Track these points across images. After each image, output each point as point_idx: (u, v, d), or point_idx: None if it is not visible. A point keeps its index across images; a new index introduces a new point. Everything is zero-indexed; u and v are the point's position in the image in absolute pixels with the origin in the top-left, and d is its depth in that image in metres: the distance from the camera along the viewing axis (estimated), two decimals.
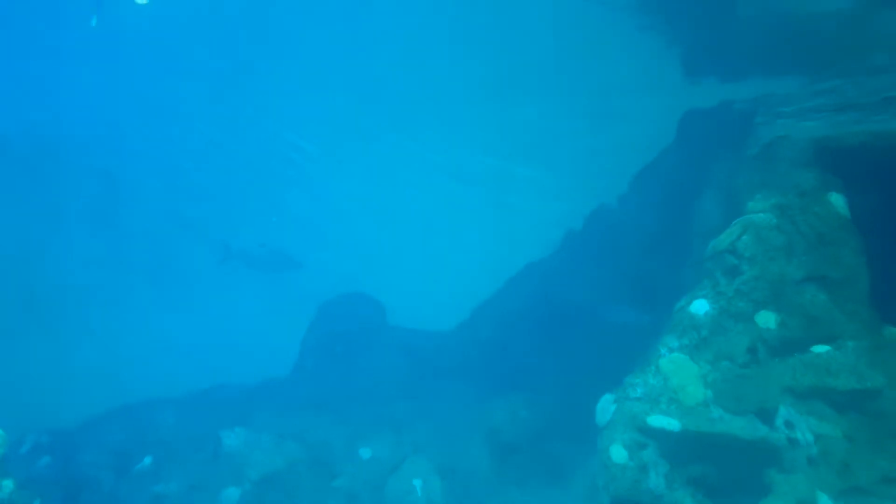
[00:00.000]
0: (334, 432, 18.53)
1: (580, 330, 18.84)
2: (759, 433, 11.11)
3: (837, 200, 13.02)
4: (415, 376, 20.80)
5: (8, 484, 13.01)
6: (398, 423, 18.82)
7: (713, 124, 17.93)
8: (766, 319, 12.09)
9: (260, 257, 28.02)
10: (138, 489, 17.96)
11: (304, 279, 29.22)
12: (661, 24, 18.97)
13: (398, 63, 23.17)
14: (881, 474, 10.54)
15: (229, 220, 37.45)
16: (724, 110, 17.76)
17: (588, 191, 22.01)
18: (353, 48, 22.95)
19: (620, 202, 20.62)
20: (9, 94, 27.44)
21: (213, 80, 27.33)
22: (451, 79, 23.56)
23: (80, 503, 18.00)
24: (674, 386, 11.74)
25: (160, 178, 35.25)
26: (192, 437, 19.27)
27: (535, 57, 21.33)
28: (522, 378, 19.37)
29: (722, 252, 12.87)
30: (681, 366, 11.92)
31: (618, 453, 11.45)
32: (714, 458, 11.25)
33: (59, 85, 27.33)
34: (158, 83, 27.83)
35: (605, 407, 12.17)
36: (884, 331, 11.82)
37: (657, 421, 11.41)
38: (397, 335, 22.29)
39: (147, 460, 18.71)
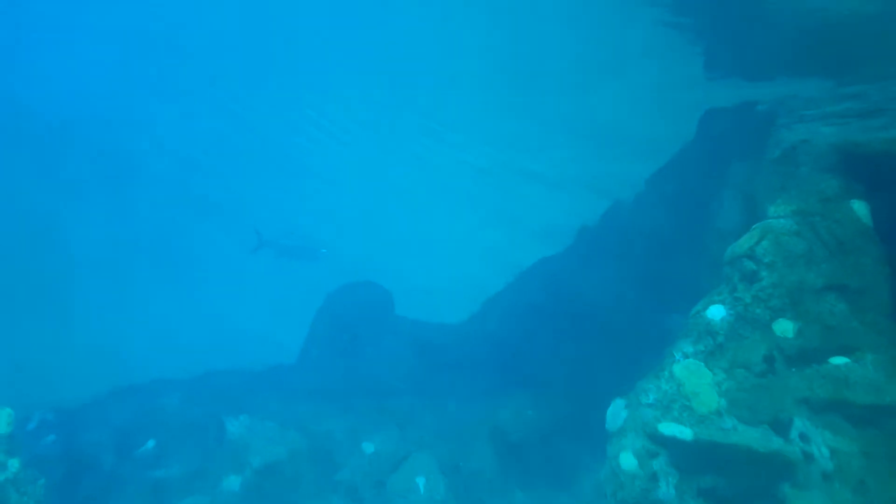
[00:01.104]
0: (338, 424, 18.41)
1: (591, 329, 18.60)
2: (774, 445, 10.86)
3: (860, 208, 12.74)
4: (421, 369, 20.61)
5: (14, 463, 12.97)
6: (403, 416, 18.69)
7: (734, 124, 17.64)
8: (784, 328, 11.83)
9: (290, 246, 28.35)
10: (139, 473, 17.87)
11: (314, 266, 29.14)
12: (685, 20, 18.62)
13: (416, 55, 22.93)
14: None
15: (251, 208, 37.50)
16: (745, 111, 17.48)
17: (604, 187, 21.77)
18: (376, 38, 22.72)
19: (636, 200, 20.34)
20: (26, 74, 27.38)
21: (233, 67, 27.19)
22: (471, 73, 23.30)
23: (81, 483, 17.91)
24: (687, 393, 11.49)
25: (175, 161, 35.19)
26: (196, 421, 19.17)
27: (555, 52, 21.07)
28: (530, 375, 19.18)
29: (740, 257, 12.60)
30: (695, 372, 11.68)
31: (627, 461, 11.24)
32: (726, 469, 11.02)
33: (77, 64, 27.20)
34: (178, 66, 27.70)
35: (616, 412, 11.96)
36: None
37: (669, 429, 11.17)
38: (405, 326, 22.09)
39: (150, 444, 18.62)
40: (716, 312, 12.31)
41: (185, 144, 34.22)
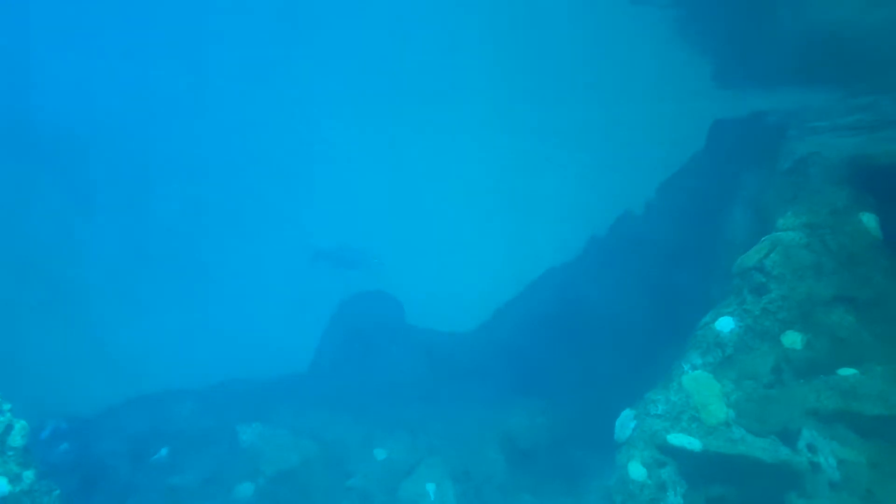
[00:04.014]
0: (350, 431, 18.49)
1: (601, 338, 18.68)
2: (781, 456, 10.93)
3: (869, 221, 12.82)
4: (432, 377, 20.74)
5: (29, 475, 13.00)
6: (414, 423, 18.75)
7: (744, 135, 17.70)
8: (793, 339, 11.91)
9: (344, 257, 29.07)
10: (154, 480, 17.99)
11: (326, 276, 29.45)
12: (694, 32, 18.69)
13: (428, 63, 23.10)
14: None
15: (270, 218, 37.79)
16: (755, 122, 17.53)
17: (614, 197, 21.83)
18: (388, 47, 22.87)
19: (646, 210, 20.41)
20: (41, 85, 27.66)
21: (249, 76, 27.43)
22: (482, 82, 23.46)
23: (96, 491, 18.03)
24: (695, 404, 11.59)
25: (187, 170, 35.50)
26: (209, 429, 19.29)
27: (565, 62, 21.18)
28: (541, 383, 19.27)
29: (749, 269, 12.69)
30: (703, 383, 11.76)
31: (636, 470, 11.32)
32: (734, 478, 11.08)
33: (91, 79, 27.47)
34: (194, 75, 27.96)
35: (625, 423, 12.04)
36: None
37: (677, 439, 11.26)
38: (416, 335, 22.24)
39: (163, 451, 18.74)
40: (724, 324, 12.39)
41: (198, 154, 34.52)
